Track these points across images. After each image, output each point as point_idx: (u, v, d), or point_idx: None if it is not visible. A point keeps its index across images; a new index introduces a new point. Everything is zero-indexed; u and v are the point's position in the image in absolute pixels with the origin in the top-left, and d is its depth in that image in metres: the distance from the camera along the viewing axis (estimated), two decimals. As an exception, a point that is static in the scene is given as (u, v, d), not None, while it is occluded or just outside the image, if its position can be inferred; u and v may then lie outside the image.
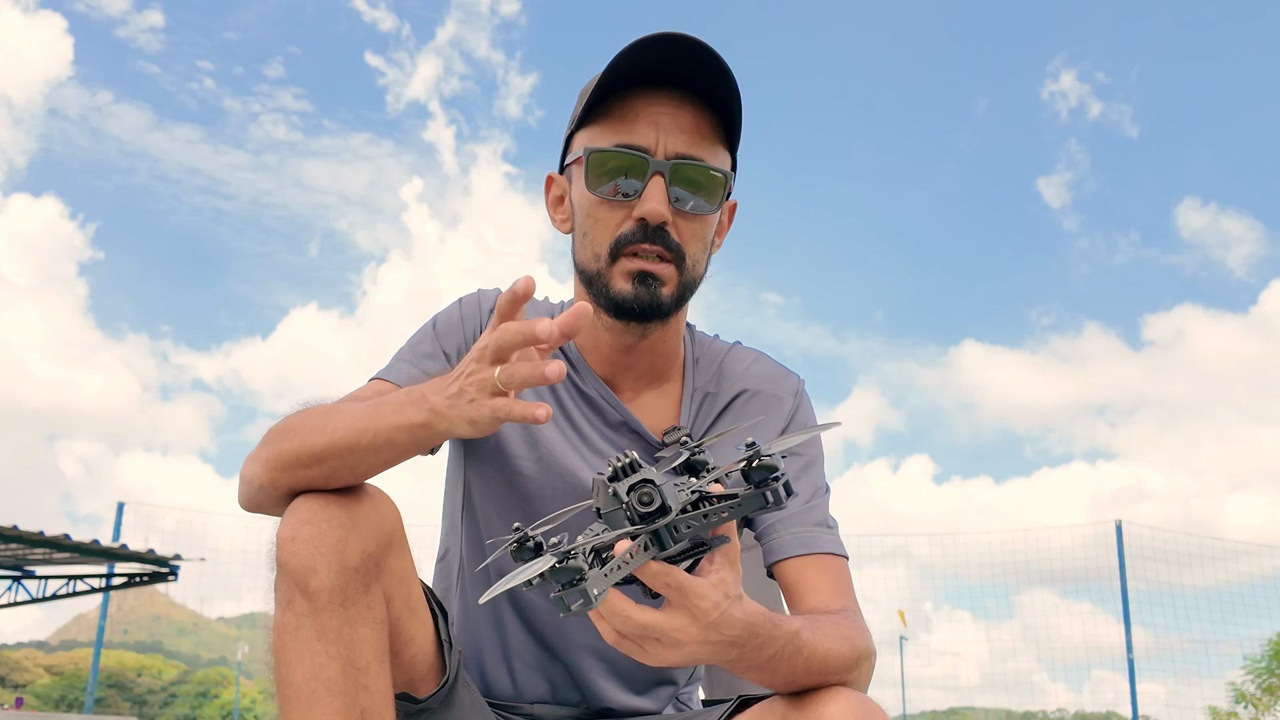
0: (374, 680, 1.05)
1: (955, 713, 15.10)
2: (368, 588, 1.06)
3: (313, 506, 1.06)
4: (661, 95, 1.22)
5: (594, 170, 1.23)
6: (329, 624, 1.03)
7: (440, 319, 1.36)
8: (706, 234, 1.28)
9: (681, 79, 1.22)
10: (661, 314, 1.26)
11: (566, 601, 0.83)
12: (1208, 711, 10.70)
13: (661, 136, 1.21)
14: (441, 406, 1.00)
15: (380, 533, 1.08)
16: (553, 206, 1.36)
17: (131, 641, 49.36)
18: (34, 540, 7.34)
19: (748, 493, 0.87)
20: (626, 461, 0.87)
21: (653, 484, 0.86)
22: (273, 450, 1.11)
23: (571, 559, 0.82)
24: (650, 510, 0.85)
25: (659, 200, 1.20)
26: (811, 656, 1.02)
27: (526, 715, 1.35)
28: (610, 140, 1.22)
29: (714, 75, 1.21)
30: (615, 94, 1.23)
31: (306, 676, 1.03)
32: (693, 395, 1.36)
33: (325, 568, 1.03)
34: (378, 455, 1.06)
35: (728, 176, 1.26)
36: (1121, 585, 9.94)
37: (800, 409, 1.38)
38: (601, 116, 1.24)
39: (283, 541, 1.05)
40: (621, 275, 1.23)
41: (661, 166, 1.21)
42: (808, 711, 1.02)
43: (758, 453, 0.87)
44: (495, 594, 0.85)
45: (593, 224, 1.25)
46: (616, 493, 0.86)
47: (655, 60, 1.20)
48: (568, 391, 1.35)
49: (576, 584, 0.82)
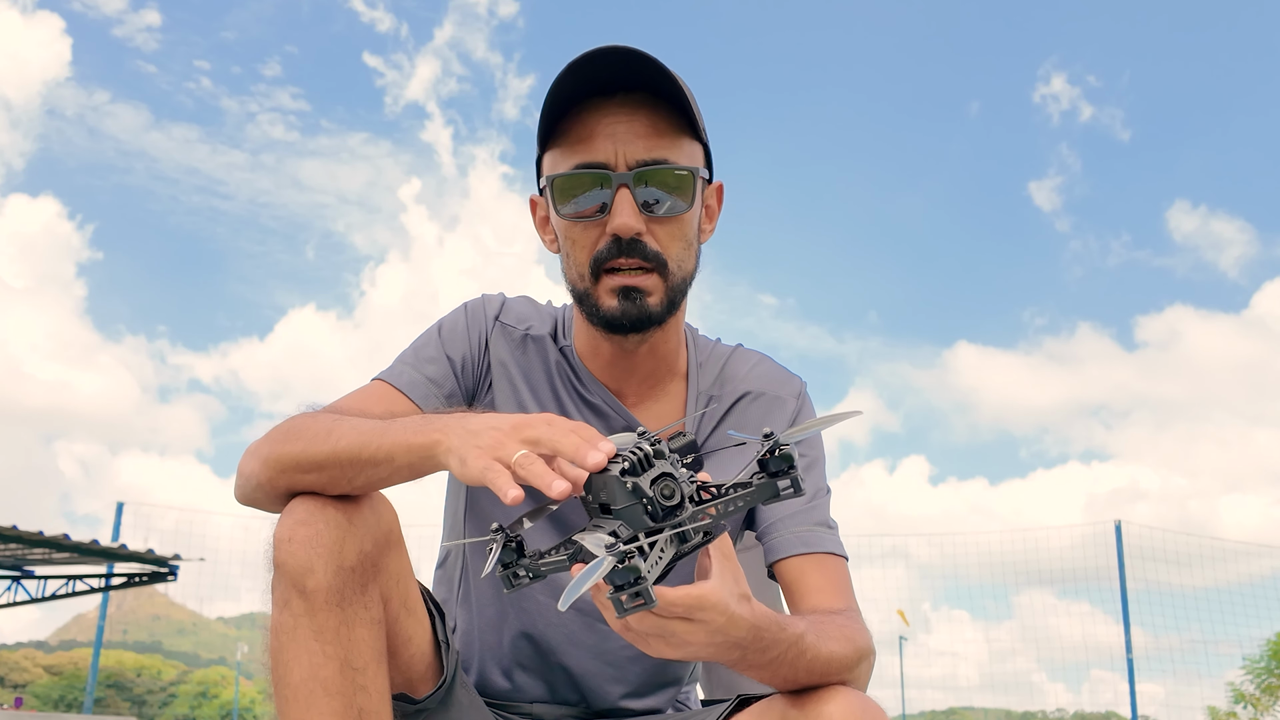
0: (371, 680, 1.06)
1: (955, 713, 15.11)
2: (365, 588, 1.06)
3: (310, 507, 1.06)
4: (613, 105, 1.22)
5: (560, 195, 1.24)
6: (326, 624, 1.03)
7: (445, 324, 1.37)
8: (687, 233, 1.27)
9: (623, 83, 1.22)
10: (653, 323, 1.27)
11: (625, 604, 0.80)
12: (1207, 712, 10.71)
13: (619, 147, 1.21)
14: (452, 438, 0.97)
15: (378, 533, 1.08)
16: (540, 228, 1.37)
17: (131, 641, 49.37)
18: (33, 540, 7.34)
19: (763, 480, 0.86)
20: (644, 454, 0.85)
21: (673, 477, 0.85)
22: (274, 450, 1.11)
23: (631, 559, 0.79)
24: (673, 504, 0.84)
25: (627, 214, 1.21)
26: (815, 658, 1.03)
27: (526, 715, 1.35)
28: (570, 162, 1.23)
29: (653, 74, 1.21)
30: (569, 113, 1.23)
31: (304, 677, 1.03)
32: (696, 399, 1.37)
33: (322, 568, 1.03)
34: (376, 470, 1.05)
35: (694, 172, 1.25)
36: (1121, 585, 9.94)
37: (803, 410, 1.39)
38: (560, 137, 1.25)
39: (280, 542, 1.05)
40: (607, 293, 1.24)
41: (624, 178, 1.21)
42: (808, 710, 1.03)
43: (777, 442, 0.86)
44: (571, 600, 0.79)
45: (571, 245, 1.27)
46: (638, 487, 0.84)
47: (595, 74, 1.21)
48: (572, 399, 1.35)
49: (636, 584, 0.79)
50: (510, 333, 1.37)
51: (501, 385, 1.35)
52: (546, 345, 1.37)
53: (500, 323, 1.38)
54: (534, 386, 1.35)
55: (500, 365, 1.35)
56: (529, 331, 1.37)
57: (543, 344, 1.37)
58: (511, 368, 1.35)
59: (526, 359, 1.36)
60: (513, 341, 1.37)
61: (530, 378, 1.36)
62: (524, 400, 1.35)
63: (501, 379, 1.35)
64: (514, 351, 1.36)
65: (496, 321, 1.37)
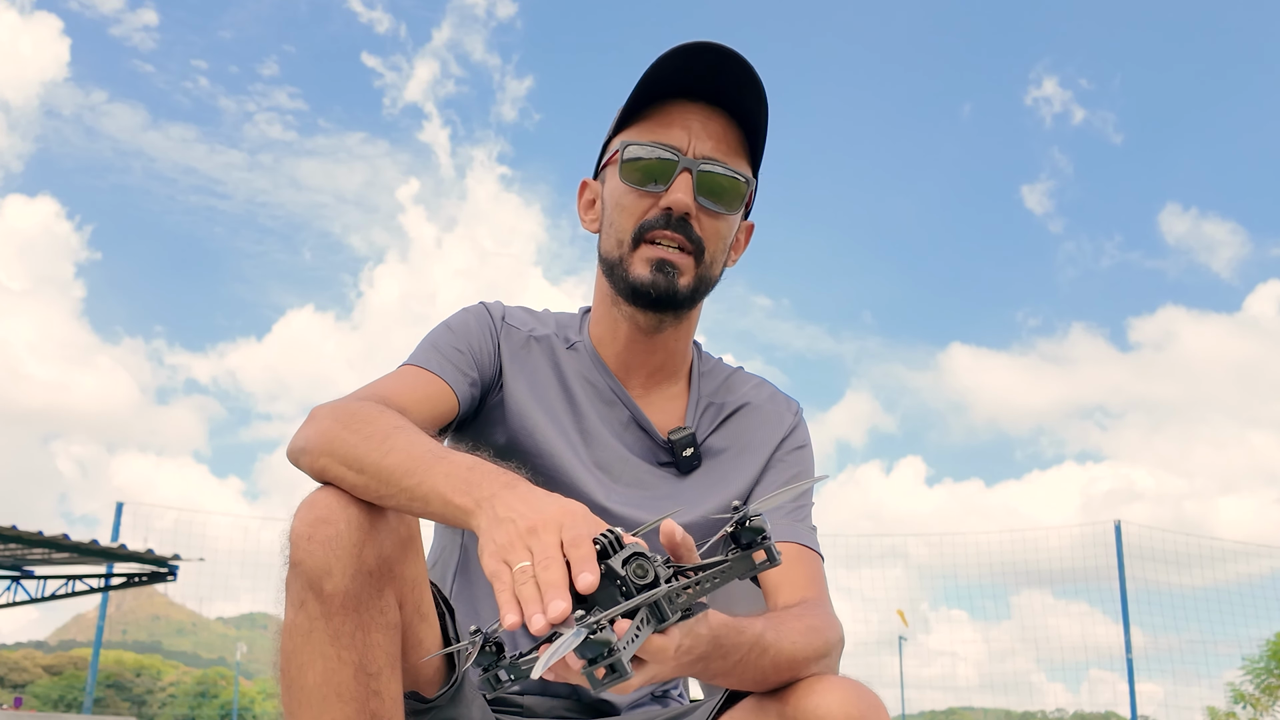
0: (385, 686, 1.04)
1: (954, 713, 15.11)
2: (381, 592, 1.04)
3: (332, 504, 1.04)
4: (695, 103, 1.32)
5: (628, 162, 1.32)
6: (342, 629, 1.01)
7: (454, 323, 1.39)
8: (726, 235, 1.35)
9: (714, 92, 1.31)
10: (677, 303, 1.32)
11: (596, 675, 0.80)
12: (1206, 712, 10.72)
13: (693, 139, 1.31)
14: (482, 518, 0.95)
15: (398, 536, 1.06)
16: (584, 209, 1.44)
17: (130, 641, 49.32)
18: (33, 540, 7.34)
19: (737, 556, 0.87)
20: (613, 537, 0.86)
21: (644, 556, 0.86)
22: (331, 431, 1.09)
23: (601, 630, 0.79)
24: (645, 583, 0.85)
25: (685, 192, 1.29)
26: (778, 655, 1.04)
27: (518, 706, 1.35)
28: (646, 137, 1.32)
29: (747, 91, 1.30)
30: (653, 102, 1.33)
31: (318, 681, 1.01)
32: (698, 402, 1.43)
33: (341, 570, 1.01)
34: (410, 504, 1.03)
35: (749, 182, 1.34)
36: (1120, 585, 9.94)
37: (797, 429, 1.45)
38: (638, 119, 1.34)
39: (298, 539, 1.02)
40: (641, 261, 1.31)
41: (690, 164, 1.30)
42: (803, 704, 1.03)
43: (746, 515, 0.86)
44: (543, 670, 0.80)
45: (619, 212, 1.34)
46: (610, 569, 0.85)
47: (691, 69, 1.29)
48: (583, 389, 1.39)
49: (608, 656, 0.79)
50: (514, 333, 1.40)
51: (514, 383, 1.37)
52: (552, 343, 1.41)
53: (506, 323, 1.41)
54: (542, 384, 1.38)
55: (511, 363, 1.38)
56: (532, 333, 1.41)
57: (547, 343, 1.41)
58: (521, 366, 1.38)
59: (532, 359, 1.39)
60: (518, 342, 1.40)
61: (538, 376, 1.39)
62: (536, 397, 1.37)
63: (515, 376, 1.37)
64: (519, 351, 1.39)
65: (503, 322, 1.41)
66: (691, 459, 1.39)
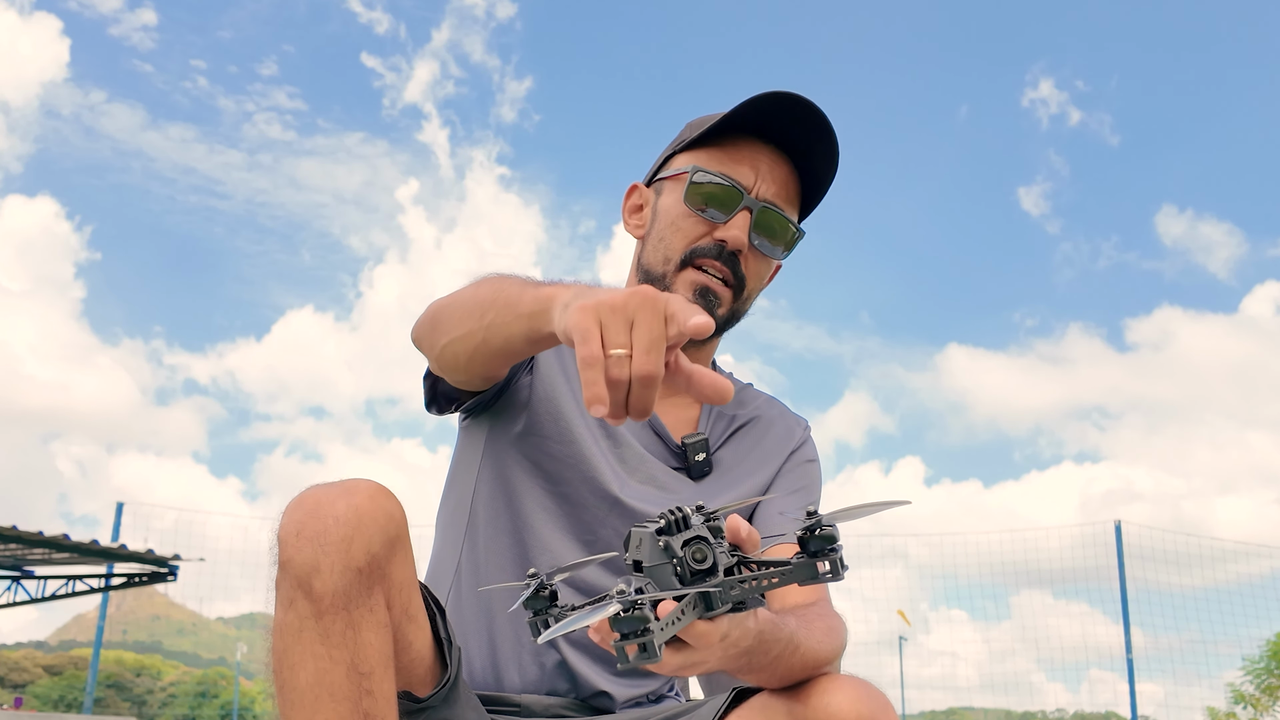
0: (378, 685, 1.03)
1: (954, 713, 15.10)
2: (371, 590, 1.03)
3: (319, 500, 1.03)
4: (766, 145, 1.37)
5: (694, 185, 1.36)
6: (333, 628, 1.00)
7: None
8: (765, 276, 1.42)
9: (787, 141, 1.36)
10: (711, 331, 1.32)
11: (627, 651, 0.78)
12: (1206, 712, 10.72)
13: (759, 180, 1.36)
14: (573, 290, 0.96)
15: (387, 533, 1.05)
16: (630, 213, 1.47)
17: (130, 641, 49.35)
18: (33, 540, 7.33)
19: (801, 561, 0.83)
20: (679, 516, 0.84)
21: (705, 542, 0.83)
22: (434, 304, 1.23)
23: (638, 609, 0.77)
24: (702, 569, 0.82)
25: (742, 229, 1.34)
26: (806, 653, 1.05)
27: (515, 705, 1.34)
28: (716, 167, 1.36)
29: (818, 148, 1.36)
30: (727, 133, 1.37)
31: (310, 681, 1.00)
32: (710, 411, 1.45)
33: (329, 568, 1.00)
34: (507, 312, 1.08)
35: (797, 235, 1.40)
36: (1121, 586, 9.93)
37: (806, 444, 1.47)
38: (711, 146, 1.38)
39: (286, 538, 1.01)
40: (685, 284, 1.35)
41: (753, 204, 1.35)
42: (814, 702, 1.04)
43: (819, 521, 0.83)
44: (554, 636, 0.80)
45: (673, 231, 1.37)
46: (669, 546, 0.82)
47: (773, 114, 1.34)
48: None
49: (640, 635, 0.77)
50: None
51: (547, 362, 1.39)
52: None
53: None
54: (571, 371, 1.39)
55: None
56: None
57: None
58: (556, 350, 1.39)
59: (559, 352, 1.40)
60: None
61: (568, 362, 1.40)
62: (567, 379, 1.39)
63: (547, 356, 1.39)
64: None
65: None
66: (704, 465, 1.40)
